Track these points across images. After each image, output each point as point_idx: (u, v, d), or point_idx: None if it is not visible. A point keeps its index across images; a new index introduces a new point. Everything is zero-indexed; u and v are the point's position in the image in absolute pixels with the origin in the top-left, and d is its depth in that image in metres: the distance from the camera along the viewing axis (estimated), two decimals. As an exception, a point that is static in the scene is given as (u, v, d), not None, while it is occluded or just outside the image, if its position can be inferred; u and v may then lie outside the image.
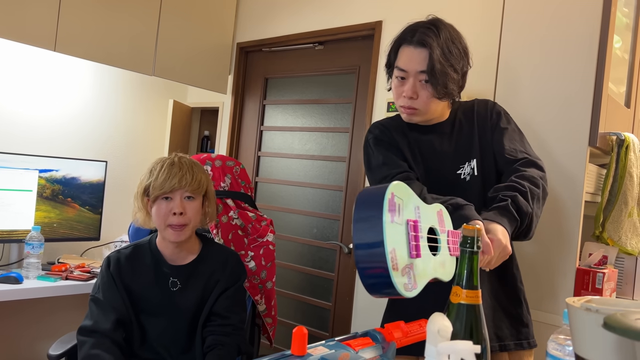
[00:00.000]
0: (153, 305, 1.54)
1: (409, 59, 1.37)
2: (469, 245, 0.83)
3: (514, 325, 1.42)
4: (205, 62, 2.95)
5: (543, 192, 1.35)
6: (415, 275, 0.91)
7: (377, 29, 2.41)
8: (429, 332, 0.76)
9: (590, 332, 0.67)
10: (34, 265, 2.23)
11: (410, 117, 1.42)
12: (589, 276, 1.68)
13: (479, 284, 0.83)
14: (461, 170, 1.43)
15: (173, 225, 1.49)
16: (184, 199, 1.51)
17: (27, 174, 2.39)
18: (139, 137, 3.08)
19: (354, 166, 2.54)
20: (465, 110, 1.49)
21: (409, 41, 1.37)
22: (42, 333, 2.65)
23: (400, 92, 1.40)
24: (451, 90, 1.36)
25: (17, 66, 2.55)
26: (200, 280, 1.58)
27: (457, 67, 1.36)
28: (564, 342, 0.82)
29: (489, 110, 1.48)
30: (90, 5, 2.43)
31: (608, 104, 1.79)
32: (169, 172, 1.50)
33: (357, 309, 2.41)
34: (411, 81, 1.36)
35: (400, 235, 0.90)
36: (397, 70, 1.40)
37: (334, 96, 2.69)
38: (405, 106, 1.39)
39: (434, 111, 1.41)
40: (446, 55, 1.34)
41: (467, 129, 1.47)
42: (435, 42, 1.33)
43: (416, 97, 1.37)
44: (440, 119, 1.48)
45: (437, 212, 1.08)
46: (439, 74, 1.32)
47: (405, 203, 0.94)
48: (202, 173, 1.57)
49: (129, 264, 1.56)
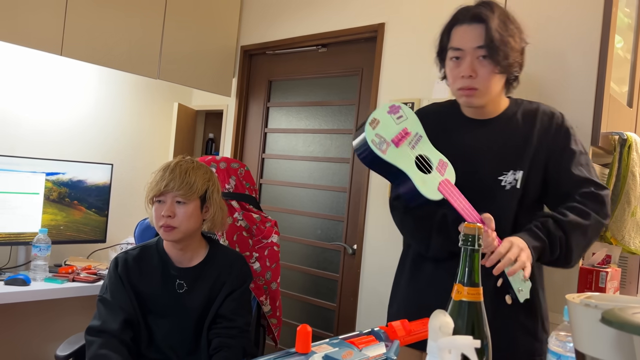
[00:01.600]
0: (160, 306, 1.56)
1: (464, 36, 1.31)
2: (470, 243, 0.84)
3: (527, 340, 1.37)
4: (210, 65, 2.97)
5: (594, 225, 1.29)
6: (388, 145, 1.22)
7: (380, 31, 2.42)
8: (430, 329, 0.77)
9: (589, 327, 0.69)
10: (41, 268, 2.25)
11: (470, 99, 1.35)
12: (592, 275, 1.68)
13: (480, 282, 0.84)
14: (503, 177, 1.35)
15: (163, 227, 1.52)
16: (175, 203, 1.52)
17: (34, 177, 2.42)
18: (144, 140, 3.10)
19: (358, 167, 2.55)
20: (526, 113, 1.40)
21: (462, 20, 1.33)
22: (50, 334, 2.67)
23: (457, 73, 1.33)
24: (512, 62, 1.30)
25: (24, 70, 2.58)
26: (207, 283, 1.59)
27: (516, 38, 1.31)
28: (564, 339, 0.83)
29: (555, 124, 1.38)
30: (96, 10, 2.45)
31: (610, 103, 1.80)
32: (162, 175, 1.53)
33: (362, 310, 2.42)
34: (468, 59, 1.31)
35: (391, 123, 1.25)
36: (452, 51, 1.34)
37: (337, 98, 2.71)
38: (464, 87, 1.32)
39: (493, 90, 1.33)
40: (504, 27, 1.29)
41: (523, 135, 1.37)
42: (490, 15, 1.29)
43: (475, 76, 1.30)
44: (495, 112, 1.40)
45: (438, 160, 1.30)
46: (499, 44, 1.26)
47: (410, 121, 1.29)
48: (200, 178, 1.55)
49: (136, 264, 1.57)
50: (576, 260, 1.33)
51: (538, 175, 1.35)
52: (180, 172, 1.53)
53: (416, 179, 1.24)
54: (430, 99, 2.19)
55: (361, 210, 2.45)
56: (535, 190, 1.36)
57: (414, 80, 2.29)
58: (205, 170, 1.60)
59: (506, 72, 1.33)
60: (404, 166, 1.25)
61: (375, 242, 2.38)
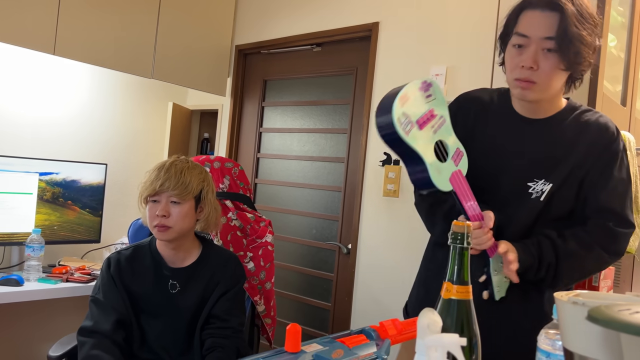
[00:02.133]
0: (152, 306, 1.55)
1: (533, 23, 1.19)
2: (459, 241, 0.83)
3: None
4: (204, 64, 2.96)
5: (596, 258, 1.23)
6: (412, 126, 1.15)
7: (374, 30, 2.42)
8: (419, 327, 0.77)
9: (577, 325, 0.68)
10: (34, 268, 2.24)
11: (525, 92, 1.22)
12: (585, 274, 1.68)
13: (469, 280, 0.84)
14: (534, 184, 1.25)
15: (158, 226, 1.51)
16: (170, 203, 1.51)
17: (27, 177, 2.41)
18: (138, 139, 3.09)
19: (353, 167, 2.55)
20: (579, 123, 1.26)
21: (535, 4, 1.19)
22: (43, 335, 2.66)
23: (517, 62, 1.21)
24: (582, 60, 1.18)
25: (17, 69, 2.57)
26: (200, 283, 1.58)
27: (592, 35, 1.18)
28: (554, 337, 0.83)
29: (605, 142, 1.25)
30: (89, 9, 2.44)
31: (603, 102, 1.80)
32: (157, 174, 1.51)
33: (356, 309, 2.41)
34: (532, 49, 1.18)
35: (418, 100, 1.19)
36: (516, 37, 1.21)
37: (332, 97, 2.71)
38: (522, 78, 1.20)
39: (553, 87, 1.22)
40: (582, 17, 1.15)
41: (566, 147, 1.25)
42: (568, 4, 1.16)
43: (536, 68, 1.18)
44: (547, 112, 1.28)
45: (456, 149, 1.23)
46: (573, 38, 1.14)
47: (439, 100, 1.21)
48: (195, 178, 1.55)
49: (129, 265, 1.57)
50: (566, 285, 1.26)
51: (570, 192, 1.25)
52: (176, 171, 1.52)
53: (432, 167, 1.16)
54: (424, 98, 2.19)
55: (356, 210, 2.45)
56: (562, 207, 1.26)
57: (408, 79, 2.25)
58: (200, 170, 1.60)
59: (572, 69, 1.21)
60: (423, 151, 1.16)
61: (370, 241, 2.38)
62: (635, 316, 0.56)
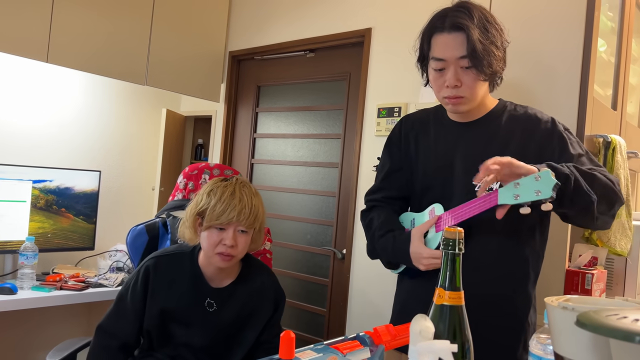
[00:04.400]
0: (185, 319, 1.49)
1: (446, 46, 1.28)
2: (451, 247, 0.84)
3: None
4: (198, 70, 2.97)
5: (613, 191, 1.24)
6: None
7: (367, 36, 2.43)
8: (411, 333, 0.78)
9: (567, 330, 0.69)
10: (28, 276, 2.23)
11: (457, 107, 1.33)
12: (578, 277, 1.69)
13: (461, 286, 0.84)
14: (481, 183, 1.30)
15: (222, 254, 1.43)
16: (237, 232, 1.43)
17: (20, 185, 2.40)
18: (132, 146, 3.09)
19: (347, 172, 2.56)
20: (511, 117, 1.36)
21: (442, 28, 1.29)
22: (37, 343, 2.65)
23: (441, 83, 1.31)
24: (497, 69, 1.29)
25: (9, 77, 2.56)
26: (237, 302, 1.53)
27: (498, 43, 1.29)
28: (545, 341, 0.83)
29: (543, 131, 1.32)
30: (82, 16, 2.45)
31: (594, 106, 1.81)
32: (228, 203, 1.41)
33: (352, 314, 2.42)
34: (452, 69, 1.28)
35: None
36: (434, 62, 1.31)
37: (326, 103, 2.71)
38: (450, 96, 1.31)
39: (480, 95, 1.32)
40: (485, 34, 1.26)
41: (503, 140, 1.34)
42: (470, 22, 1.25)
43: (460, 85, 1.29)
44: (479, 113, 1.38)
45: (429, 212, 1.39)
46: (482, 54, 1.24)
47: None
48: (261, 205, 1.49)
49: (165, 273, 1.49)
50: (597, 213, 1.22)
51: None
52: (248, 201, 1.43)
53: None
54: (417, 103, 2.20)
55: (350, 215, 2.45)
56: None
57: (401, 85, 2.30)
58: (260, 196, 1.52)
59: (491, 77, 1.32)
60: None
61: (364, 246, 2.38)
62: (622, 321, 0.57)
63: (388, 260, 1.49)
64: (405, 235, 1.40)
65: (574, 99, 1.77)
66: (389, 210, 1.51)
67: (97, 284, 2.37)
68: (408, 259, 1.37)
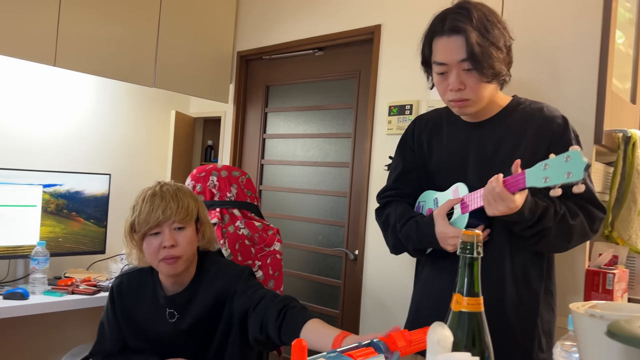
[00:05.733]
0: (155, 334, 1.47)
1: (446, 50, 1.28)
2: (469, 251, 0.80)
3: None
4: (206, 71, 2.94)
5: (579, 230, 1.27)
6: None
7: (377, 32, 2.39)
8: (429, 343, 0.74)
9: (595, 339, 0.65)
10: (40, 281, 2.23)
11: (463, 109, 1.33)
12: (599, 277, 1.64)
13: (480, 291, 0.81)
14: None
15: (166, 259, 1.37)
16: (173, 230, 1.39)
17: (31, 189, 2.40)
18: (142, 149, 3.08)
19: (358, 171, 2.52)
20: (524, 116, 1.34)
21: (441, 32, 1.29)
22: (50, 348, 2.64)
23: (445, 86, 1.32)
24: (500, 70, 1.28)
25: (18, 82, 2.56)
26: (199, 302, 1.45)
27: (499, 44, 1.27)
28: (570, 349, 0.79)
29: (554, 131, 1.31)
30: (89, 19, 2.43)
31: (613, 100, 1.76)
32: (151, 204, 1.37)
33: (365, 315, 2.38)
34: (454, 72, 1.28)
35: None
36: (437, 66, 1.32)
37: (335, 102, 2.68)
38: (455, 99, 1.31)
39: (486, 96, 1.31)
40: (484, 35, 1.25)
41: (515, 139, 1.33)
42: (468, 25, 1.24)
43: (464, 88, 1.29)
44: (490, 112, 1.37)
45: (452, 191, 1.37)
46: (481, 57, 1.23)
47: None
48: (189, 198, 1.44)
49: (129, 289, 1.49)
50: (546, 247, 1.30)
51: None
52: (172, 196, 1.39)
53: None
54: (429, 100, 2.16)
55: (362, 215, 2.42)
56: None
57: (411, 82, 2.25)
58: (189, 190, 1.49)
59: (495, 78, 1.30)
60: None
61: (376, 247, 2.35)
62: (658, 332, 0.53)
63: (414, 247, 1.44)
64: (427, 217, 1.38)
65: (592, 94, 1.71)
66: (404, 203, 1.51)
67: (109, 288, 2.36)
68: (434, 240, 1.34)
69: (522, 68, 1.35)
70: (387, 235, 1.51)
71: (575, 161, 1.08)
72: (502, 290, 1.32)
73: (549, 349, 1.36)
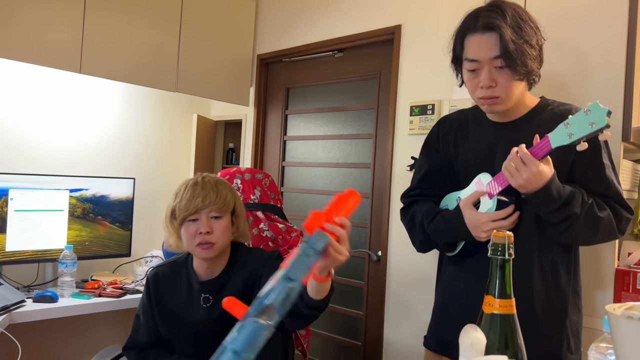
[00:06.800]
0: (188, 323, 1.53)
1: (479, 47, 1.28)
2: (500, 252, 0.80)
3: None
4: (227, 75, 2.97)
5: (607, 224, 1.26)
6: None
7: (397, 33, 2.39)
8: (461, 345, 0.74)
9: (633, 341, 0.64)
10: (68, 284, 2.27)
11: (493, 107, 1.33)
12: (629, 277, 1.61)
13: (512, 293, 0.80)
14: None
15: (201, 244, 1.47)
16: (210, 219, 1.48)
17: (58, 194, 2.45)
18: (165, 152, 3.12)
19: (379, 172, 2.51)
20: (553, 116, 1.33)
21: (474, 28, 1.29)
22: (78, 350, 2.69)
23: (475, 84, 1.32)
24: (532, 68, 1.28)
25: (44, 89, 2.61)
26: (233, 287, 1.53)
27: (532, 42, 1.27)
28: (605, 351, 0.78)
29: None
30: (112, 26, 2.47)
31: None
32: (192, 192, 1.48)
33: (389, 317, 2.37)
34: (486, 69, 1.28)
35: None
36: (468, 62, 1.32)
37: (356, 103, 2.68)
38: (485, 97, 1.31)
39: (516, 95, 1.31)
40: (518, 33, 1.25)
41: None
42: (502, 22, 1.24)
43: (495, 85, 1.29)
44: (519, 112, 1.37)
45: (475, 183, 1.36)
46: (515, 54, 1.23)
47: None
48: (228, 191, 1.54)
49: (165, 280, 1.58)
50: (571, 239, 1.29)
51: (561, 179, 1.28)
52: (212, 186, 1.50)
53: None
54: (451, 99, 2.14)
55: (384, 216, 2.41)
56: None
57: (433, 82, 2.24)
58: (227, 183, 1.59)
59: (526, 76, 1.30)
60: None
61: (400, 247, 2.34)
62: (702, 335, 0.52)
63: (444, 241, 1.43)
64: (455, 209, 1.38)
65: (619, 91, 1.69)
66: (430, 202, 1.51)
67: (135, 290, 2.39)
68: (465, 231, 1.34)
69: (546, 67, 1.34)
70: (415, 232, 1.51)
71: (596, 111, 1.11)
72: (530, 290, 1.31)
73: (577, 350, 1.35)
